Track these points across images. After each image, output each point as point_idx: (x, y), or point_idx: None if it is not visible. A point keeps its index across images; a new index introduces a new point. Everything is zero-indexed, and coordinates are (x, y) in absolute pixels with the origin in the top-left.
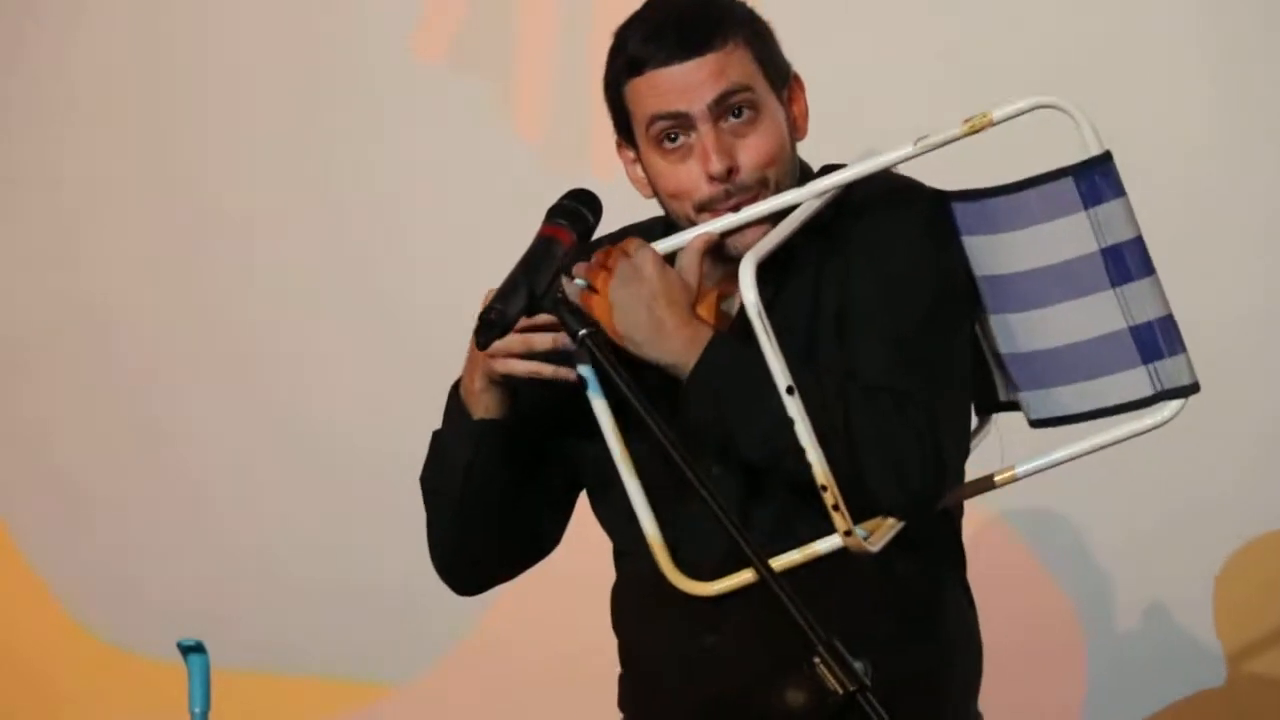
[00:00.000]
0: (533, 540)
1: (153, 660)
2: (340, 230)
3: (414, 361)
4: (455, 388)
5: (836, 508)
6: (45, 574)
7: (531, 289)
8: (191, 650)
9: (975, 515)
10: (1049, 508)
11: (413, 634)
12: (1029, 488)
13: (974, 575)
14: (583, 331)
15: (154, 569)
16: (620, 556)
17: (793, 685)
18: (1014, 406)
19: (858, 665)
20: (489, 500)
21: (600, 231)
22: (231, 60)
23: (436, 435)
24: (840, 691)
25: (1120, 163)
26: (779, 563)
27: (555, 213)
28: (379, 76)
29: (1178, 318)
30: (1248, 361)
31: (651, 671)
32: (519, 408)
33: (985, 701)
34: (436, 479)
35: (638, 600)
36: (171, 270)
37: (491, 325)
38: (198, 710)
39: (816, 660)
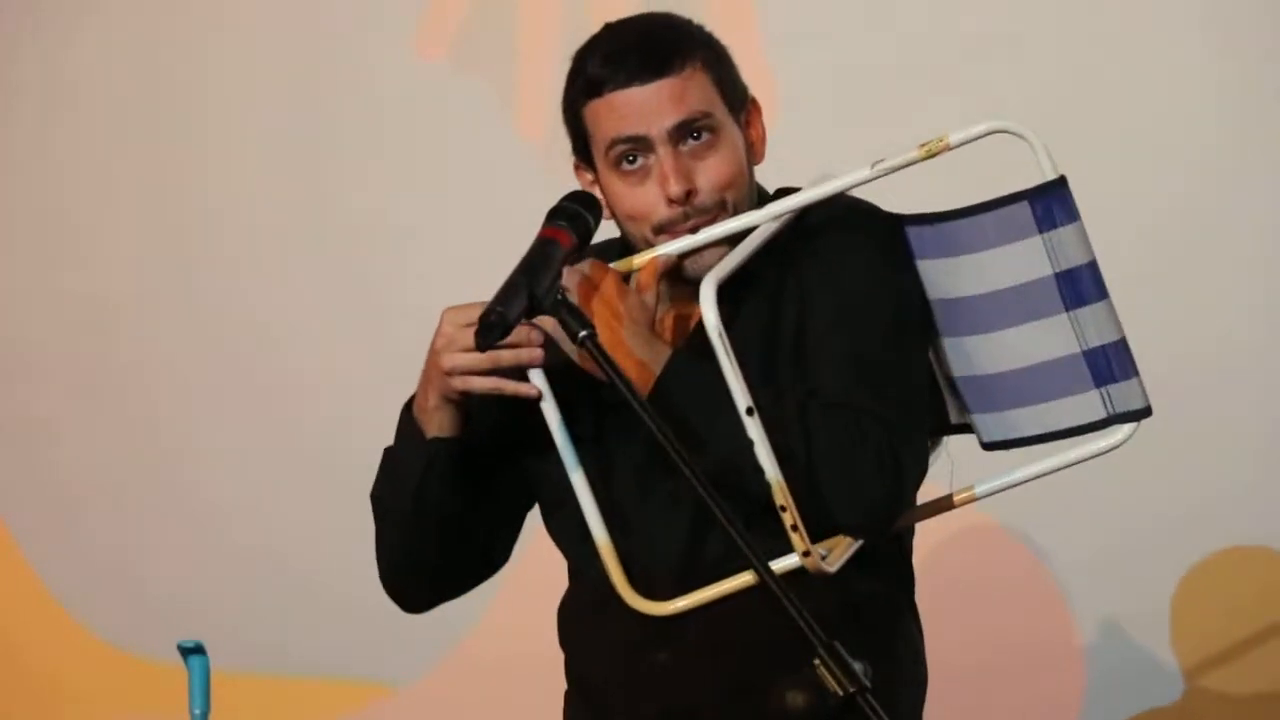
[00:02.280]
0: (482, 558)
1: (153, 661)
2: (341, 230)
3: (413, 361)
4: (408, 405)
5: (795, 528)
6: (45, 574)
7: (532, 290)
8: (192, 652)
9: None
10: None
11: (413, 635)
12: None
13: (971, 582)
14: (583, 333)
15: (154, 569)
16: (575, 574)
17: (792, 687)
18: (965, 429)
19: (857, 666)
20: (440, 518)
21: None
22: (233, 59)
23: (388, 452)
24: (840, 693)
25: (1121, 172)
26: (736, 582)
27: (555, 214)
28: (380, 76)
29: (1164, 333)
30: (1230, 376)
31: (599, 688)
32: (473, 427)
33: (987, 703)
34: (387, 496)
35: (586, 615)
36: (172, 270)
37: (492, 327)
38: (198, 711)
39: (816, 662)
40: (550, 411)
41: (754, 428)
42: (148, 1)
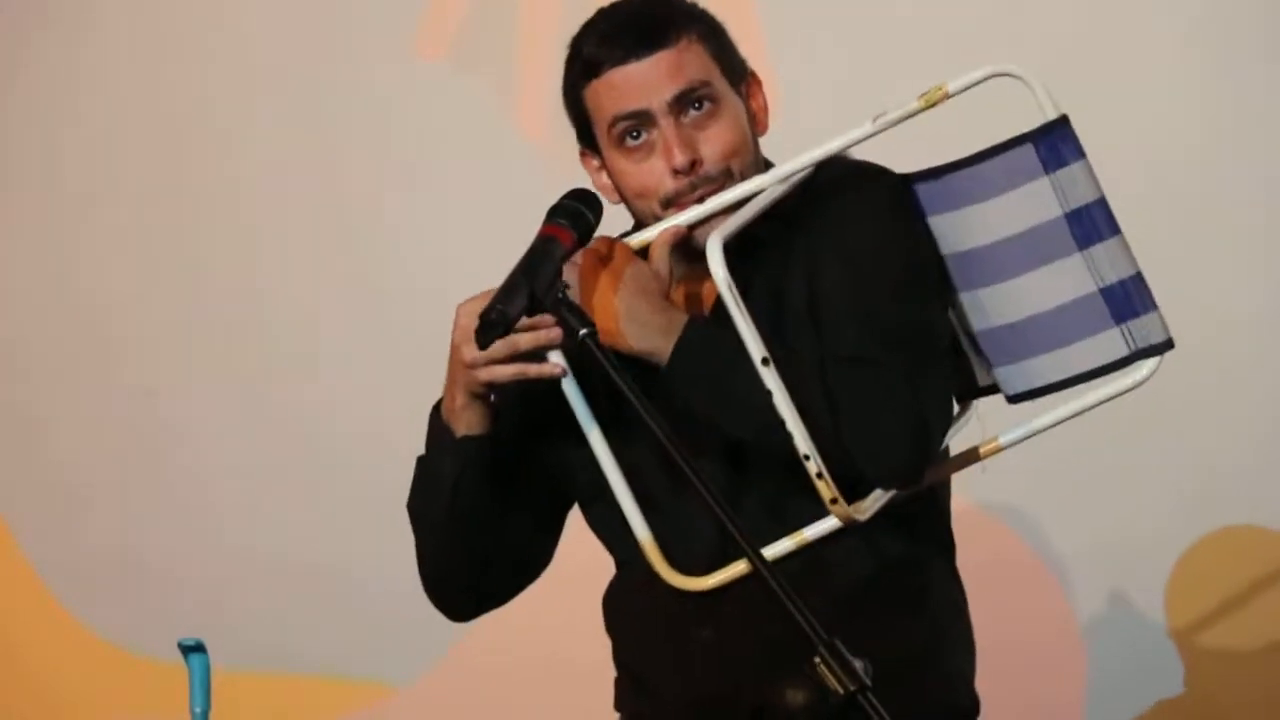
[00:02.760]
0: (522, 562)
1: (153, 660)
2: (341, 229)
3: (414, 360)
4: (435, 410)
5: (820, 476)
6: (45, 574)
7: (532, 289)
8: (192, 650)
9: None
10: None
11: (414, 634)
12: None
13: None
14: (583, 331)
15: (154, 569)
16: (623, 566)
17: (793, 685)
18: (993, 390)
19: (858, 664)
20: (477, 519)
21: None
22: (233, 60)
23: (421, 460)
24: (841, 692)
25: (1121, 163)
26: (771, 551)
27: (556, 212)
28: (381, 75)
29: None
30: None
31: (647, 669)
32: (503, 425)
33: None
34: (424, 501)
35: (632, 600)
36: (172, 270)
37: (493, 325)
38: (198, 710)
39: (817, 660)
40: (570, 388)
41: (771, 378)
42: (148, 2)
